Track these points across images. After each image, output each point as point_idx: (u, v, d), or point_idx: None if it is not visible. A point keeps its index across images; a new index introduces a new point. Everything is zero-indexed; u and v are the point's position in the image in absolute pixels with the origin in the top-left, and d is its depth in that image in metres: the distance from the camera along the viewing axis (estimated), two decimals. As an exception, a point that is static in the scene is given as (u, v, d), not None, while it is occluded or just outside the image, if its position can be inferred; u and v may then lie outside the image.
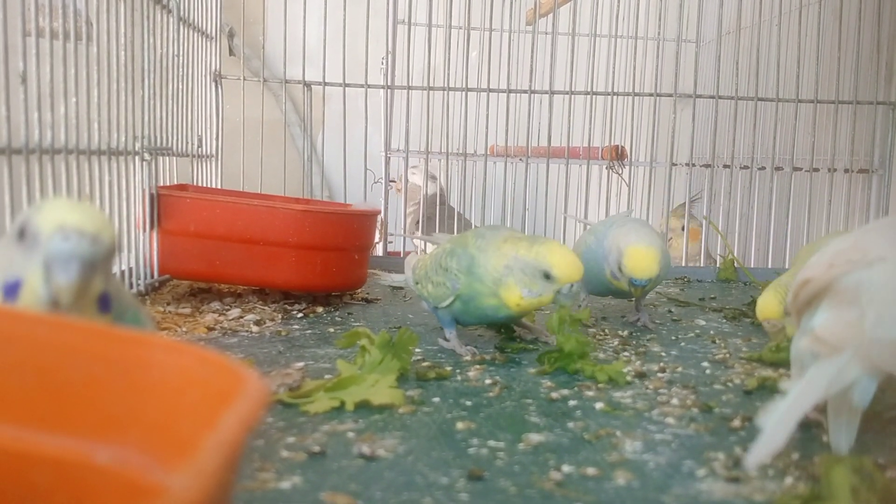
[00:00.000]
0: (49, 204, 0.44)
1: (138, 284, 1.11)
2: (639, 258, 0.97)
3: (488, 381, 0.78)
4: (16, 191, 0.82)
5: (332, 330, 0.99)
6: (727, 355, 0.91)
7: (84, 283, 0.43)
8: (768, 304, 0.87)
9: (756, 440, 0.51)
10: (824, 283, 0.57)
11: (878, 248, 0.58)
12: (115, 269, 1.02)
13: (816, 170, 1.56)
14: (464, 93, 1.56)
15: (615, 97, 1.60)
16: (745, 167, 1.59)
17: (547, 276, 0.81)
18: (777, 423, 0.51)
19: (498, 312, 0.86)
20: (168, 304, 1.09)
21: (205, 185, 1.45)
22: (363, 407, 0.68)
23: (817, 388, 0.53)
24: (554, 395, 0.74)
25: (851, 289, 0.56)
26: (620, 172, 1.72)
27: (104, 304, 0.47)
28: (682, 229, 1.61)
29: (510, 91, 1.56)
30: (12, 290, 0.43)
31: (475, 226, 1.62)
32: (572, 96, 1.56)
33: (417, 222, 1.91)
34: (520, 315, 0.89)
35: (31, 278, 0.42)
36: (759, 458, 0.50)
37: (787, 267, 1.40)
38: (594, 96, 1.58)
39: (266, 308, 1.09)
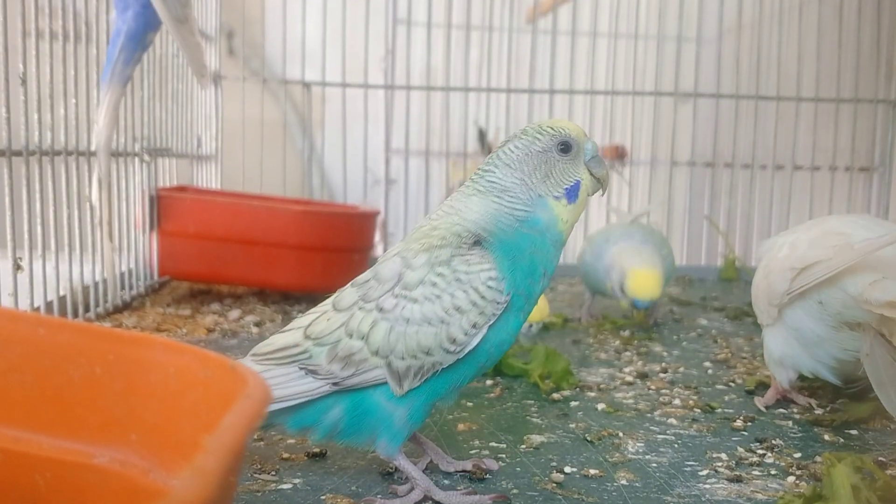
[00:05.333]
0: (563, 122, 0.58)
1: (138, 286, 1.11)
2: (641, 281, 0.97)
3: (489, 382, 0.78)
4: (16, 192, 0.82)
5: (332, 330, 0.99)
6: (729, 355, 0.90)
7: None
8: None
9: None
10: (851, 261, 0.61)
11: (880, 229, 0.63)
12: (115, 271, 1.02)
13: (817, 168, 1.55)
14: (464, 92, 1.56)
15: (615, 96, 1.60)
16: (747, 166, 1.59)
17: None
18: None
19: None
20: (168, 305, 1.09)
21: (204, 185, 1.45)
22: (364, 407, 0.68)
23: None
24: (555, 395, 0.74)
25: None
26: (621, 172, 1.71)
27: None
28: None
29: (510, 90, 1.56)
30: (574, 190, 0.56)
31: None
32: (572, 95, 1.56)
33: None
34: None
35: (585, 176, 0.56)
36: None
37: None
38: (594, 95, 1.58)
39: (266, 309, 1.09)
